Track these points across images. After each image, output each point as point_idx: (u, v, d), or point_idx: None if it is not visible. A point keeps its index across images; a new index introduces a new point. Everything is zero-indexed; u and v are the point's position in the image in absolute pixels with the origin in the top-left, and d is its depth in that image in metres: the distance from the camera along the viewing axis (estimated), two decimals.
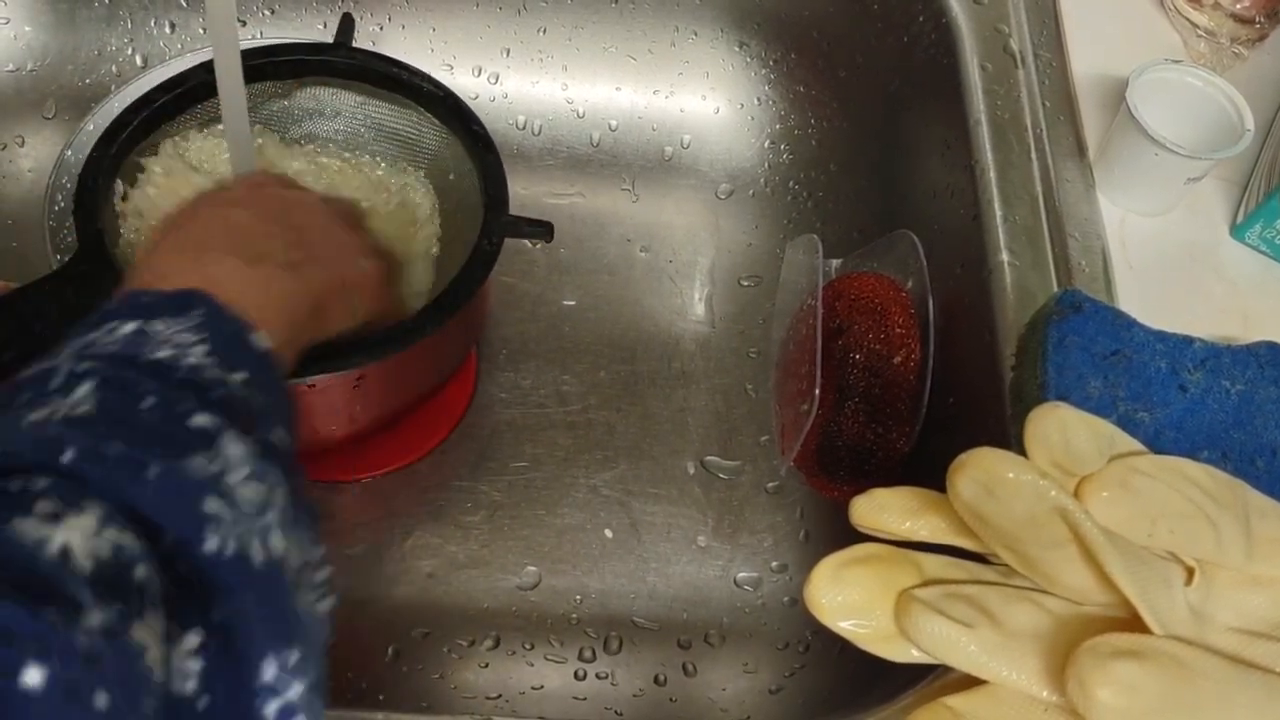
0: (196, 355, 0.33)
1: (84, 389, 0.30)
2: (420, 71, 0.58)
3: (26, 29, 0.73)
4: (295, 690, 0.29)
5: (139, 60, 0.74)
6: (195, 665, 0.27)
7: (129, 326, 0.33)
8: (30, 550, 0.24)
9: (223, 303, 0.36)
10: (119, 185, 0.53)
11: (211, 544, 0.28)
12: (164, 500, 0.28)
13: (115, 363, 0.32)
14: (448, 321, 0.51)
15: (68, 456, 0.27)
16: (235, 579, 0.28)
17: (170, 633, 0.27)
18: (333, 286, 0.44)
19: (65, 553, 0.24)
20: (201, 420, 0.31)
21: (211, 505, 0.29)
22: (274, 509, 0.31)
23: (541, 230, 0.55)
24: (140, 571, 0.26)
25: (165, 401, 0.31)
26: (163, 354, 0.33)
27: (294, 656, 0.29)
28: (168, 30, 0.74)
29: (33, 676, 0.21)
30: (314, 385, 0.50)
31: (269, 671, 0.28)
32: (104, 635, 0.24)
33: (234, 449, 0.31)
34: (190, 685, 0.27)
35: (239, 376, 0.34)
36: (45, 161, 0.73)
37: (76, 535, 0.25)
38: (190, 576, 0.28)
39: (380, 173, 0.60)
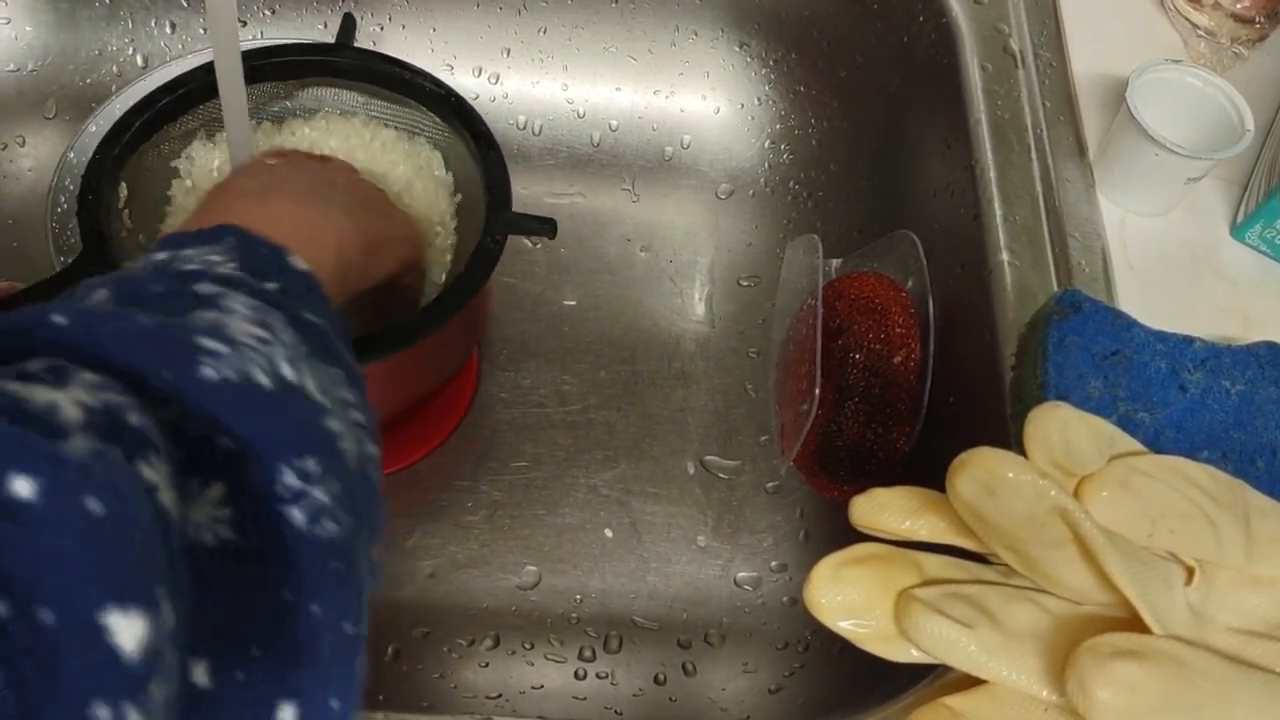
0: (225, 269, 0.33)
1: (102, 292, 0.30)
2: (422, 71, 0.58)
3: (27, 29, 0.73)
4: (319, 494, 0.27)
5: (140, 60, 0.74)
6: (226, 512, 0.26)
7: (160, 255, 0.33)
8: (13, 398, 0.23)
9: (256, 233, 0.35)
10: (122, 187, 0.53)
11: (209, 372, 0.27)
12: (153, 339, 0.27)
13: (139, 273, 0.32)
14: (451, 320, 0.51)
15: (58, 319, 0.27)
16: (240, 402, 0.27)
17: (191, 486, 0.26)
18: (380, 231, 0.45)
19: (53, 404, 0.23)
20: (206, 288, 0.31)
21: (205, 342, 0.28)
22: (279, 345, 0.30)
23: (545, 227, 0.55)
24: (133, 418, 0.25)
25: (176, 285, 0.31)
26: (191, 266, 0.33)
27: (311, 463, 0.28)
28: (169, 30, 0.74)
29: (20, 484, 0.20)
30: None
31: (289, 478, 0.27)
32: (94, 456, 0.22)
33: (236, 301, 0.31)
34: (226, 530, 0.26)
35: (271, 285, 0.34)
36: (46, 161, 0.73)
37: (63, 395, 0.24)
38: (197, 417, 0.27)
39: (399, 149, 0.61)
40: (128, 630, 0.21)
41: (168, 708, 0.22)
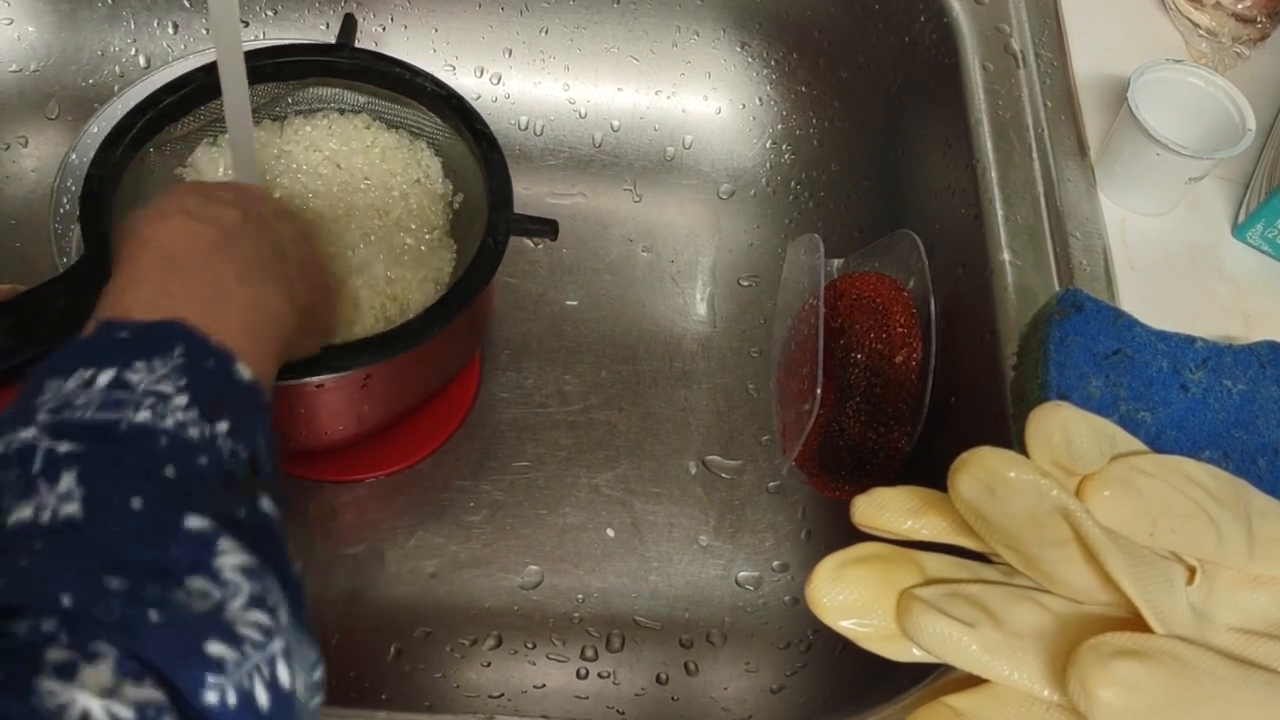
0: (177, 413, 0.32)
1: (68, 480, 0.29)
2: (423, 71, 0.58)
3: (29, 29, 0.73)
4: None
5: (142, 61, 0.75)
6: None
7: (105, 376, 0.32)
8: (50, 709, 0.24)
9: (203, 335, 0.35)
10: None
11: (211, 696, 0.27)
12: (167, 648, 0.27)
13: (95, 439, 0.31)
14: (454, 320, 0.51)
15: (67, 601, 0.27)
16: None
17: None
18: (314, 303, 0.44)
19: (86, 717, 0.24)
20: (194, 524, 0.30)
21: (214, 649, 0.28)
22: (279, 634, 0.30)
23: (546, 228, 0.55)
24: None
25: (153, 503, 0.30)
26: (142, 417, 0.31)
27: None
28: (170, 31, 0.74)
29: None
30: (322, 385, 0.50)
31: None
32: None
33: (230, 562, 0.30)
34: None
35: (222, 427, 0.33)
36: (48, 162, 0.73)
37: (95, 700, 0.24)
38: None
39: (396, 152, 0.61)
40: None
41: None
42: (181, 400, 0.32)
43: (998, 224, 0.56)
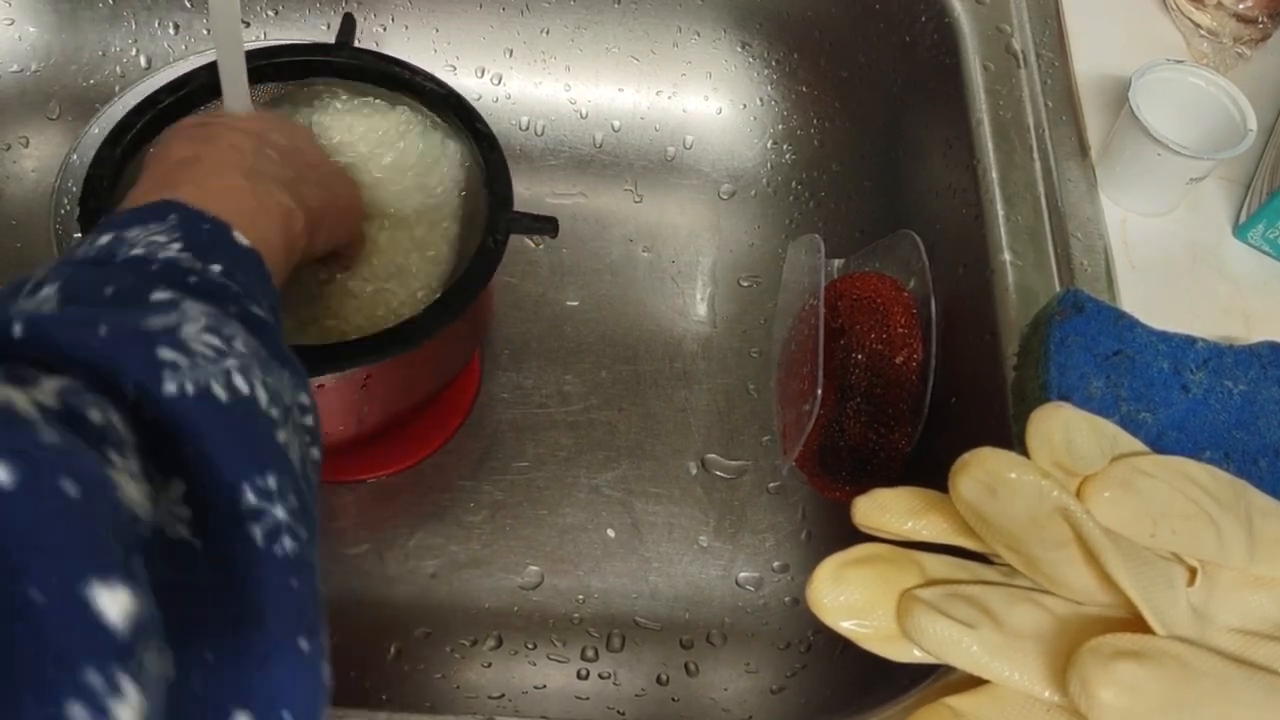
0: (171, 250, 0.33)
1: (49, 289, 0.30)
2: (423, 70, 0.58)
3: (30, 29, 0.73)
4: (279, 511, 0.28)
5: (143, 61, 0.75)
6: (184, 511, 0.27)
7: (104, 238, 0.33)
8: None
9: (199, 208, 0.36)
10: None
11: (170, 386, 0.27)
12: (115, 350, 0.28)
13: (85, 265, 0.32)
14: (455, 320, 0.51)
15: (17, 330, 0.27)
16: (200, 415, 0.28)
17: (153, 480, 0.26)
18: (323, 204, 0.45)
19: (9, 403, 0.23)
20: (161, 295, 0.31)
21: (165, 354, 0.28)
22: (233, 356, 0.30)
23: (547, 226, 0.55)
24: (95, 415, 0.25)
25: (128, 286, 0.31)
26: (136, 252, 0.33)
27: (270, 480, 0.28)
28: (171, 31, 0.74)
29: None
30: (323, 385, 0.50)
31: (249, 496, 0.27)
32: (64, 442, 0.23)
33: (192, 309, 0.31)
34: (184, 530, 0.26)
35: (216, 268, 0.34)
36: (49, 162, 0.73)
37: (20, 394, 0.24)
38: (159, 424, 0.27)
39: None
40: (113, 603, 0.21)
41: (161, 681, 0.23)
42: (175, 245, 0.33)
43: (998, 224, 0.56)
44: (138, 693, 0.21)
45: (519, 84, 0.79)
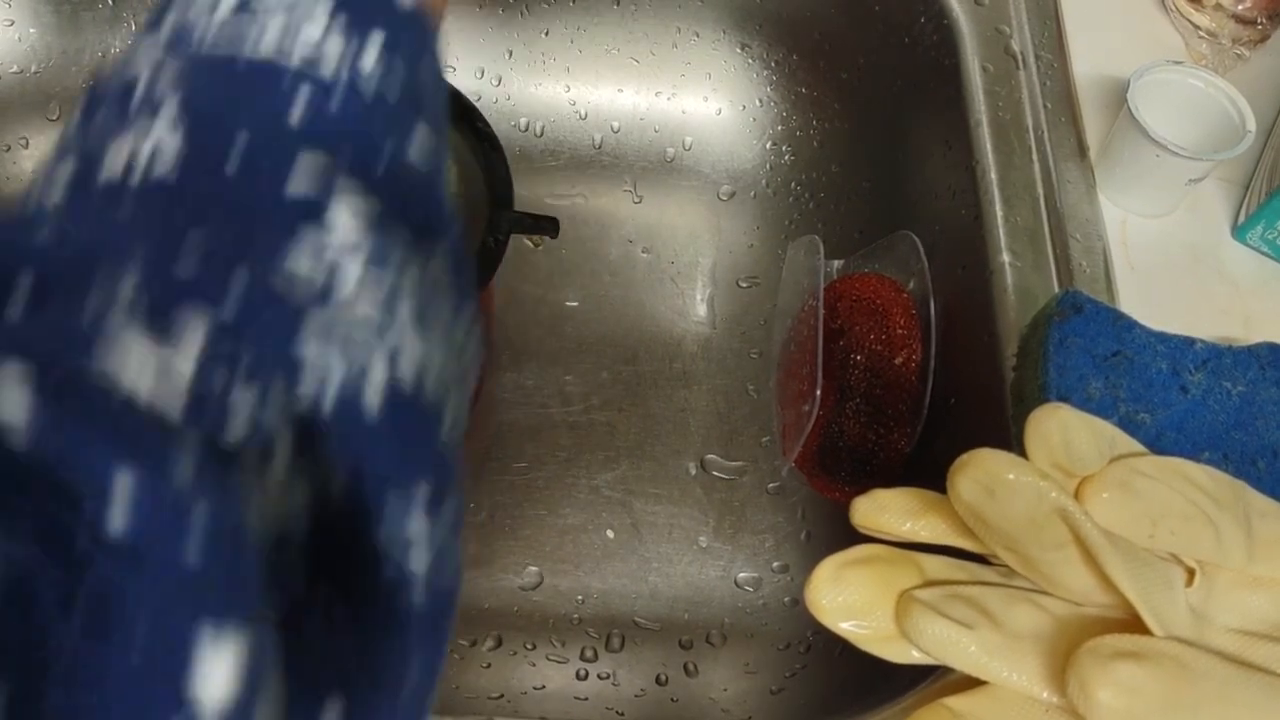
0: (313, 30, 0.25)
1: (164, 119, 0.24)
2: None
3: (31, 31, 0.73)
4: (433, 536, 0.23)
5: None
6: (315, 538, 0.22)
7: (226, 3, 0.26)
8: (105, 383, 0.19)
9: None
10: None
11: (306, 392, 0.22)
12: (249, 330, 0.22)
13: (206, 75, 0.25)
14: None
15: (189, 270, 0.22)
16: (348, 426, 0.22)
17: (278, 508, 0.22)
18: None
19: (149, 406, 0.19)
20: (300, 186, 0.24)
21: (308, 349, 0.22)
22: (395, 328, 0.24)
23: (548, 226, 0.55)
24: (243, 407, 0.21)
25: (255, 157, 0.24)
26: (266, 42, 0.25)
27: (423, 495, 0.23)
28: None
29: (118, 519, 0.17)
30: None
31: (405, 521, 0.23)
32: (198, 488, 0.19)
33: (343, 223, 0.23)
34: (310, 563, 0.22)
35: (371, 55, 0.26)
36: None
37: (180, 358, 0.20)
38: (294, 436, 0.22)
39: None
40: (217, 672, 0.18)
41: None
42: (320, 18, 0.26)
43: (997, 225, 0.56)
44: None
45: (518, 85, 0.79)
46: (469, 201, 0.59)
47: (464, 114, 0.57)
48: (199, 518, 0.18)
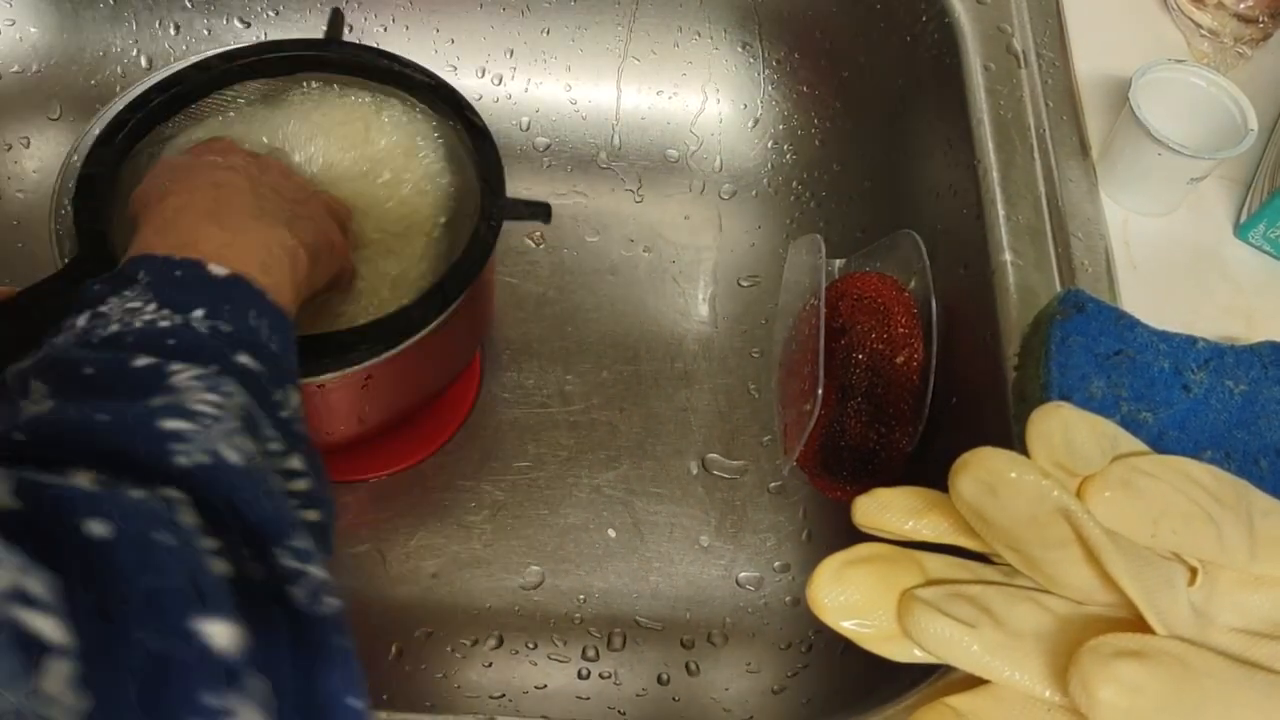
0: (146, 316, 0.33)
1: (36, 384, 0.31)
2: (411, 63, 0.58)
3: (32, 30, 0.73)
4: (314, 571, 0.29)
5: (144, 62, 0.75)
6: (239, 563, 0.27)
7: (81, 319, 0.34)
8: (52, 478, 0.25)
9: (164, 255, 0.36)
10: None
11: (181, 460, 0.28)
12: (122, 435, 0.28)
13: (65, 353, 0.32)
14: (451, 307, 0.51)
15: (19, 437, 0.28)
16: (220, 483, 0.28)
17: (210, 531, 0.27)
18: (318, 239, 0.45)
19: (73, 483, 0.25)
20: (142, 361, 0.31)
21: (170, 424, 0.29)
22: (233, 415, 0.31)
23: (540, 211, 0.55)
24: (141, 491, 0.26)
25: (106, 362, 0.31)
26: (112, 329, 0.33)
27: (301, 541, 0.29)
28: (172, 31, 0.75)
29: (96, 528, 0.22)
30: (323, 386, 0.50)
31: (285, 557, 0.28)
32: (150, 500, 0.24)
33: (180, 376, 0.31)
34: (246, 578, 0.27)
35: (198, 314, 0.34)
36: (50, 162, 0.73)
37: (80, 477, 0.25)
38: (196, 497, 0.28)
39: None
40: (220, 634, 0.23)
41: (270, 708, 0.24)
42: (150, 307, 0.34)
43: (999, 224, 0.56)
44: (252, 712, 0.23)
45: (520, 84, 0.79)
46: (461, 190, 0.58)
47: (454, 105, 0.57)
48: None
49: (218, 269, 0.36)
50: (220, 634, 0.23)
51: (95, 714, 0.20)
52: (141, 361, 0.31)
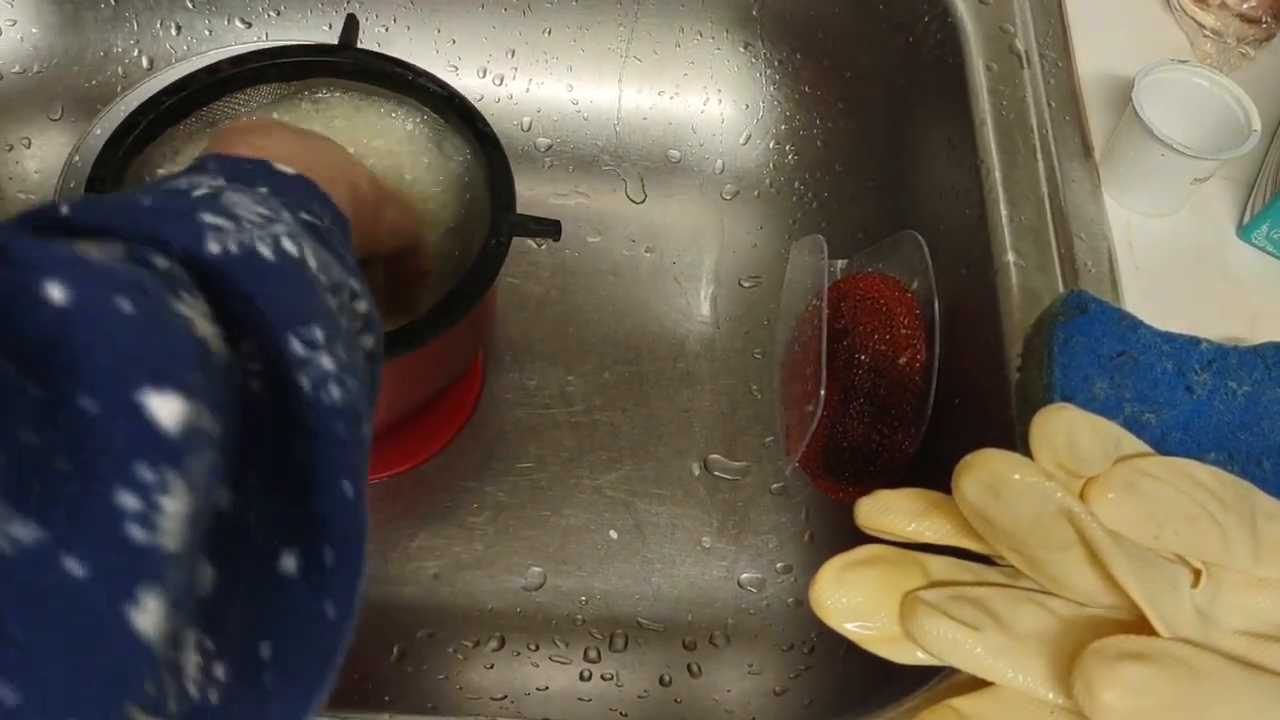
0: (213, 183, 0.34)
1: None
2: (425, 71, 0.58)
3: (33, 30, 0.73)
4: (326, 362, 0.28)
5: (145, 62, 0.75)
6: (255, 366, 0.27)
7: (147, 198, 0.34)
8: (40, 241, 0.25)
9: (236, 154, 0.36)
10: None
11: (214, 247, 0.28)
12: (159, 218, 0.28)
13: (127, 194, 0.32)
14: (457, 321, 0.51)
15: (64, 210, 0.28)
16: (246, 273, 0.28)
17: (228, 330, 0.27)
18: (385, 194, 0.45)
19: (70, 247, 0.25)
20: (201, 191, 0.32)
21: (209, 218, 0.29)
22: (282, 223, 0.31)
23: (550, 228, 0.55)
24: (160, 261, 0.26)
25: (164, 192, 0.32)
26: (179, 183, 0.33)
27: (317, 333, 0.29)
28: (174, 32, 0.75)
29: (53, 290, 0.22)
30: None
31: (295, 346, 0.28)
32: (123, 264, 0.24)
33: (235, 198, 0.31)
34: (256, 384, 0.27)
35: (262, 191, 0.34)
36: (52, 163, 0.73)
37: (84, 243, 0.25)
38: (208, 282, 0.28)
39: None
40: (164, 408, 0.22)
41: (208, 487, 0.24)
42: (218, 181, 0.34)
43: (1002, 225, 0.56)
44: (186, 491, 0.22)
45: (521, 84, 0.79)
46: (470, 203, 0.58)
47: (465, 116, 0.57)
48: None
49: (285, 168, 0.36)
50: (164, 407, 0.22)
51: (11, 471, 0.20)
52: (201, 191, 0.32)
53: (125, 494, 0.21)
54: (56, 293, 0.22)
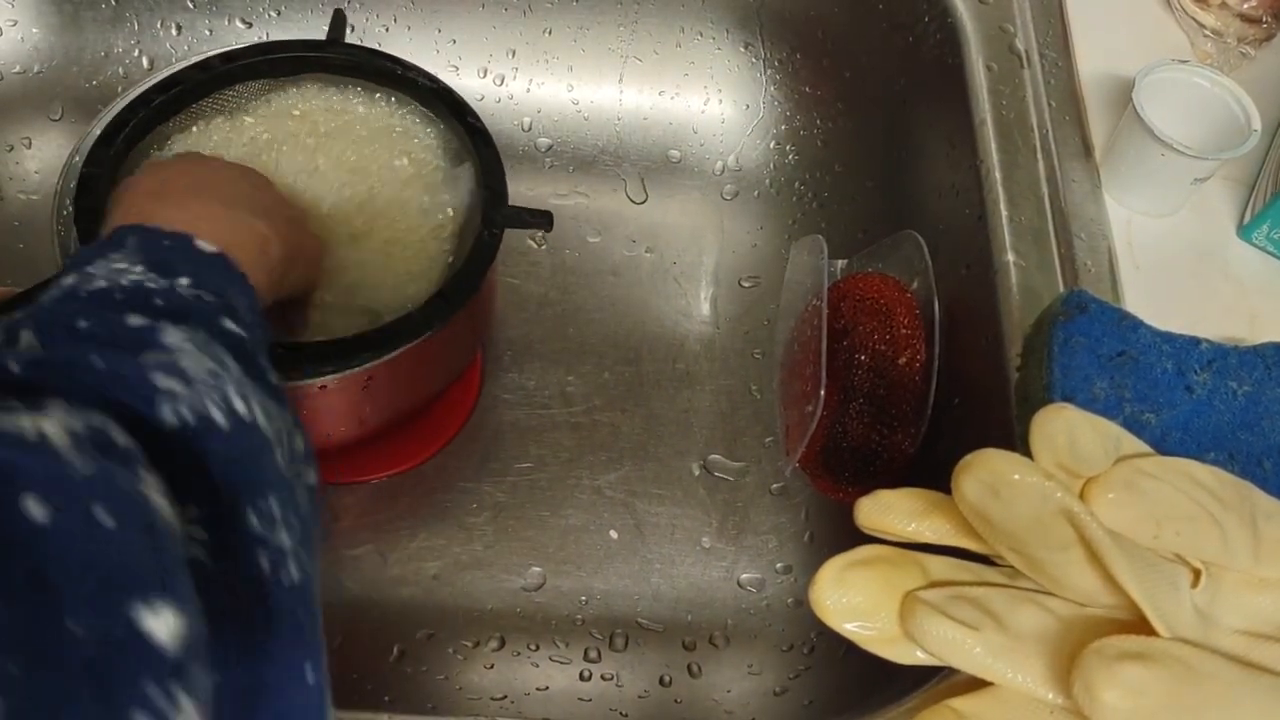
0: (133, 276, 0.34)
1: (26, 334, 0.31)
2: (414, 66, 0.58)
3: (34, 31, 0.73)
4: (283, 538, 0.29)
5: (145, 62, 0.75)
6: (200, 533, 0.27)
7: (68, 279, 0.34)
8: (9, 431, 0.24)
9: (156, 227, 0.36)
10: None
11: (168, 415, 0.28)
12: (112, 382, 0.28)
13: (52, 306, 0.32)
14: (454, 314, 0.51)
15: (15, 368, 0.28)
16: (200, 444, 0.28)
17: (175, 502, 0.27)
18: (294, 240, 0.45)
19: (42, 434, 0.24)
20: (135, 320, 0.32)
21: (160, 380, 0.29)
22: (229, 377, 0.31)
23: (542, 220, 0.55)
24: (120, 438, 0.26)
25: (100, 318, 0.32)
26: (100, 285, 0.33)
27: (273, 506, 0.29)
28: (174, 32, 0.75)
29: (32, 507, 0.22)
30: (325, 387, 0.50)
31: (253, 522, 0.28)
32: (97, 471, 0.24)
33: (173, 337, 0.31)
34: (201, 553, 0.27)
35: (184, 281, 0.34)
36: (52, 163, 0.73)
37: (49, 422, 0.25)
38: (162, 452, 0.28)
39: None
40: (159, 624, 0.22)
41: (209, 695, 0.23)
42: (137, 269, 0.34)
43: (1002, 225, 0.56)
44: (194, 708, 0.22)
45: (521, 84, 0.79)
46: (463, 194, 0.58)
47: (457, 109, 0.57)
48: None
49: (206, 245, 0.36)
50: (158, 621, 0.22)
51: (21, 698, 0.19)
52: (135, 320, 0.32)
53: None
54: (36, 511, 0.21)
